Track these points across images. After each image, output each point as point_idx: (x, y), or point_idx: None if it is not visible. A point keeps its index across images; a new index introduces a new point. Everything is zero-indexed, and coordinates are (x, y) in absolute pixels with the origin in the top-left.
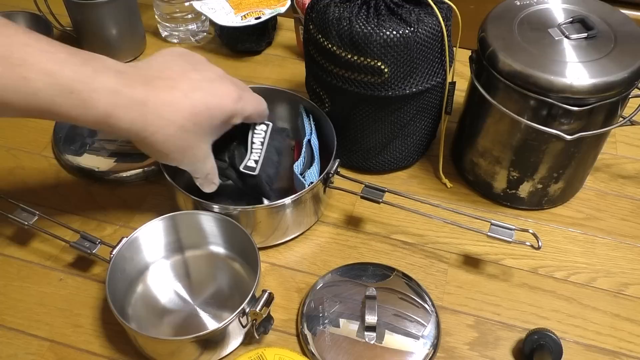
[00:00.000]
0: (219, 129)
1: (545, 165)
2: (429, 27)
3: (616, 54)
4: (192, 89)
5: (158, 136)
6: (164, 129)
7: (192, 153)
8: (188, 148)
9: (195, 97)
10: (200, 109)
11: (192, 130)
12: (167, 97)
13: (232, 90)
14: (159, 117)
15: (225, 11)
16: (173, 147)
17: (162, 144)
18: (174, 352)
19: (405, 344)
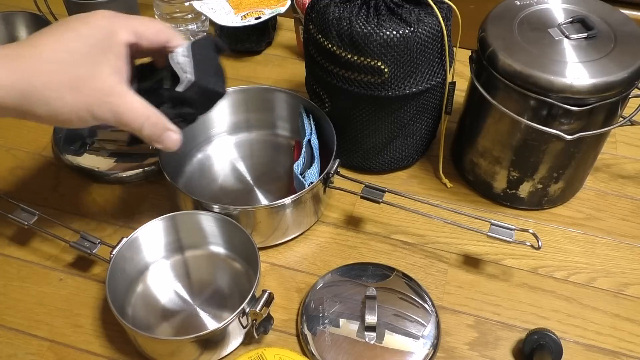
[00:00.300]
0: (108, 53)
1: (545, 165)
2: (429, 27)
3: (616, 54)
4: (53, 28)
5: (35, 80)
6: (36, 68)
7: (90, 86)
8: (80, 80)
9: (57, 30)
10: (67, 35)
11: (70, 60)
12: (28, 43)
13: (101, 11)
14: (25, 61)
15: (225, 11)
16: (60, 86)
17: (43, 86)
18: (174, 352)
19: (405, 344)
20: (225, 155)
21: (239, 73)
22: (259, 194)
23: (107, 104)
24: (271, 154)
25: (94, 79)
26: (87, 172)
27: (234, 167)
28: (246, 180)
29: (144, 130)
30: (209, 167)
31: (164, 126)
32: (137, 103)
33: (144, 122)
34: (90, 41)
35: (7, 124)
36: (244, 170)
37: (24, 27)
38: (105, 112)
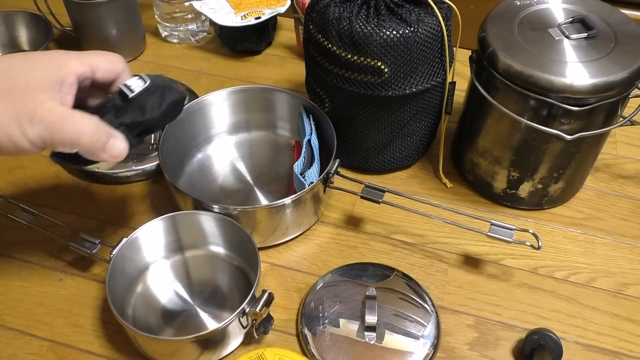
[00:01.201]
0: (52, 72)
1: (545, 165)
2: (429, 27)
3: (616, 54)
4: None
5: None
6: None
7: (25, 99)
8: (12, 91)
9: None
10: (5, 65)
11: (5, 71)
12: None
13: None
14: None
15: (225, 11)
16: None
17: None
18: (174, 352)
19: (405, 344)
20: (225, 155)
21: (239, 73)
22: (259, 194)
23: (40, 116)
24: (271, 154)
25: (28, 92)
26: (87, 172)
27: (234, 167)
28: (246, 180)
29: (84, 139)
30: (209, 167)
31: (108, 133)
32: (76, 114)
33: (82, 131)
34: (35, 60)
35: None
36: (244, 170)
37: (24, 27)
38: (38, 125)
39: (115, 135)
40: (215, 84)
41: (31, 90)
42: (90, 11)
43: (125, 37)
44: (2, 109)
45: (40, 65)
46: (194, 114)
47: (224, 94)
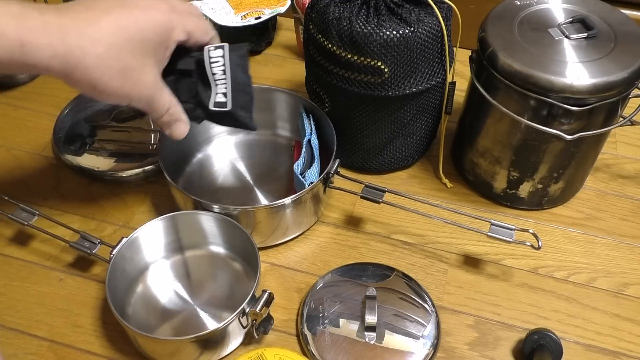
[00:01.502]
0: (160, 48)
1: (546, 165)
2: (429, 27)
3: (616, 53)
4: (113, 6)
5: (88, 59)
6: (92, 49)
7: (137, 78)
8: (128, 70)
9: (118, 12)
10: (128, 23)
11: (126, 48)
12: (86, 16)
13: (159, 1)
14: (82, 37)
15: (225, 11)
16: (109, 71)
17: (95, 68)
18: (174, 352)
19: (405, 344)
20: (225, 155)
21: None
22: (259, 194)
23: (145, 97)
24: (271, 154)
25: (141, 71)
26: (87, 172)
27: (234, 167)
28: (246, 180)
29: (163, 119)
30: (209, 167)
31: (178, 117)
32: (167, 96)
33: (167, 113)
34: (146, 35)
35: (7, 124)
36: (244, 170)
37: None
38: (142, 102)
39: (183, 119)
40: None
41: (143, 70)
42: None
43: None
44: (119, 85)
45: (151, 40)
46: None
47: None
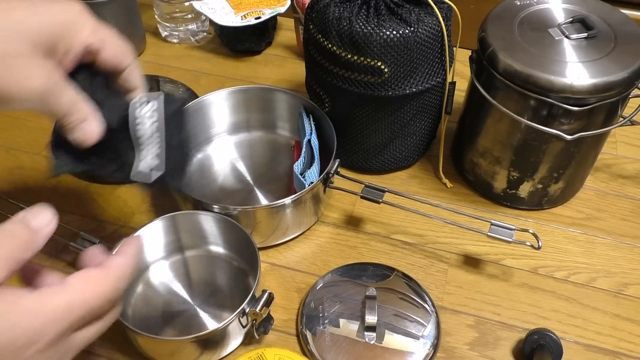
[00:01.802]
0: (60, 44)
1: (546, 165)
2: (429, 27)
3: (616, 53)
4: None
5: None
6: None
7: (24, 71)
8: (11, 59)
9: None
10: (26, 14)
11: (12, 38)
12: None
13: (75, 3)
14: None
15: (225, 11)
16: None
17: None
18: (174, 352)
19: (405, 344)
20: (225, 155)
21: (239, 73)
22: (259, 194)
23: (38, 93)
24: (271, 154)
25: (30, 64)
26: (87, 172)
27: (234, 167)
28: (246, 180)
29: (67, 117)
30: (209, 167)
31: (85, 115)
32: (69, 92)
33: (68, 108)
34: (44, 27)
35: (7, 124)
36: (244, 170)
37: None
38: (34, 100)
39: (92, 119)
40: (215, 84)
41: (24, 45)
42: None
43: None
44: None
45: (52, 18)
46: (194, 114)
47: (224, 94)
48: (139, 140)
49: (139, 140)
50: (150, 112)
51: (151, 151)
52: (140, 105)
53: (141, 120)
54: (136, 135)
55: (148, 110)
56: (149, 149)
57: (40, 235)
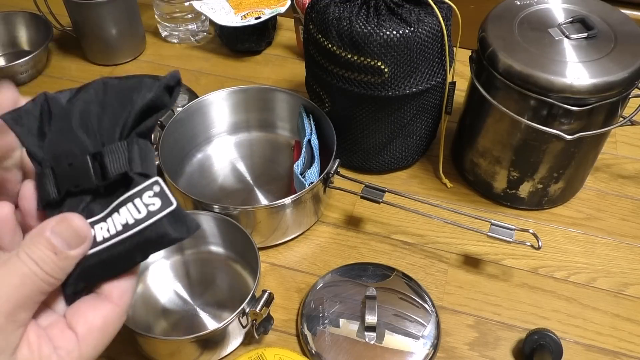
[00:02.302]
0: None
1: (546, 165)
2: (429, 27)
3: (616, 53)
4: None
5: None
6: None
7: None
8: None
9: None
10: None
11: None
12: None
13: None
14: None
15: (225, 11)
16: None
17: None
18: (174, 352)
19: (405, 344)
20: (225, 155)
21: (239, 73)
22: (259, 194)
23: None
24: (271, 154)
25: None
26: None
27: (234, 167)
28: (246, 180)
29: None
30: (209, 167)
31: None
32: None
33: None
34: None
35: None
36: (244, 170)
37: (24, 27)
38: None
39: None
40: (215, 84)
41: None
42: (90, 11)
43: (125, 37)
44: None
45: None
46: (194, 114)
47: (224, 94)
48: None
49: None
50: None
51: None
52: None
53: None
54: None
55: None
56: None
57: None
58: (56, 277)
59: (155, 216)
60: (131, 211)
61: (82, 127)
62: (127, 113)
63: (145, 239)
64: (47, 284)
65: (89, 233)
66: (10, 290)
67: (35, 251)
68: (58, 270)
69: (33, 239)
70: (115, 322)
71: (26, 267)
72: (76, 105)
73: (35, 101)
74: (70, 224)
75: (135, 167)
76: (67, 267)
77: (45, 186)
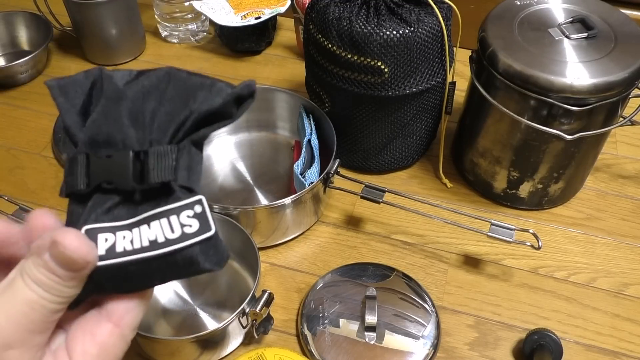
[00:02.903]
0: None
1: (546, 165)
2: (429, 27)
3: (616, 53)
4: None
5: None
6: None
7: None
8: None
9: None
10: None
11: None
12: None
13: None
14: None
15: (225, 11)
16: None
17: None
18: (174, 352)
19: (405, 344)
20: (225, 155)
21: (239, 73)
22: (259, 194)
23: None
24: (271, 154)
25: None
26: None
27: (234, 167)
28: (246, 180)
29: None
30: (209, 167)
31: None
32: None
33: None
34: None
35: (7, 124)
36: (244, 170)
37: (24, 27)
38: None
39: None
40: None
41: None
42: (90, 11)
43: (125, 37)
44: None
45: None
46: None
47: None
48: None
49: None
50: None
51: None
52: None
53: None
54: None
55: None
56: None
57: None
58: (66, 297)
59: (189, 240)
60: (164, 228)
61: (133, 117)
62: (188, 113)
63: (171, 263)
64: (59, 304)
65: (91, 254)
66: (19, 317)
67: (38, 275)
68: (66, 290)
69: (35, 261)
70: (115, 345)
71: (32, 293)
72: (132, 90)
73: (87, 73)
74: (67, 248)
75: (181, 179)
76: (75, 285)
77: (75, 173)
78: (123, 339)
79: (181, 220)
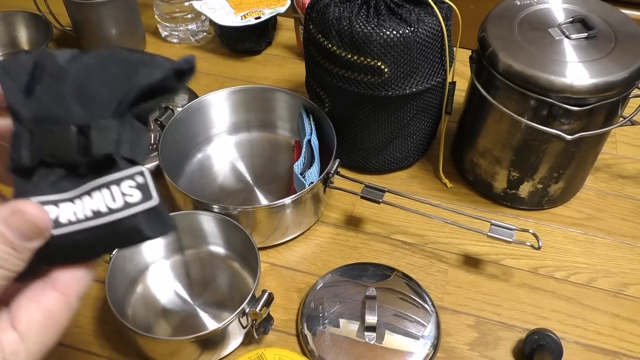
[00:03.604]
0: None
1: (546, 165)
2: (429, 27)
3: (616, 53)
4: None
5: None
6: None
7: None
8: None
9: None
10: None
11: None
12: None
13: None
14: None
15: (225, 11)
16: None
17: None
18: (173, 352)
19: (405, 344)
20: (225, 155)
21: (239, 73)
22: (259, 194)
23: None
24: (271, 154)
25: None
26: None
27: (234, 167)
28: (246, 180)
29: None
30: (209, 167)
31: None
32: None
33: None
34: None
35: None
36: (244, 170)
37: (24, 27)
38: None
39: None
40: (215, 84)
41: None
42: (90, 11)
43: (125, 37)
44: None
45: None
46: (194, 114)
47: (224, 94)
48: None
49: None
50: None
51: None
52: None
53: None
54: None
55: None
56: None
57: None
58: (15, 271)
59: (131, 209)
60: (106, 198)
61: (75, 93)
62: (129, 87)
63: (115, 233)
64: (5, 279)
65: (48, 223)
66: None
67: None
68: (18, 262)
69: None
70: (60, 313)
71: None
72: (74, 68)
73: (30, 54)
74: (26, 216)
75: (123, 151)
76: (26, 258)
77: (19, 149)
78: (69, 307)
79: (123, 190)
